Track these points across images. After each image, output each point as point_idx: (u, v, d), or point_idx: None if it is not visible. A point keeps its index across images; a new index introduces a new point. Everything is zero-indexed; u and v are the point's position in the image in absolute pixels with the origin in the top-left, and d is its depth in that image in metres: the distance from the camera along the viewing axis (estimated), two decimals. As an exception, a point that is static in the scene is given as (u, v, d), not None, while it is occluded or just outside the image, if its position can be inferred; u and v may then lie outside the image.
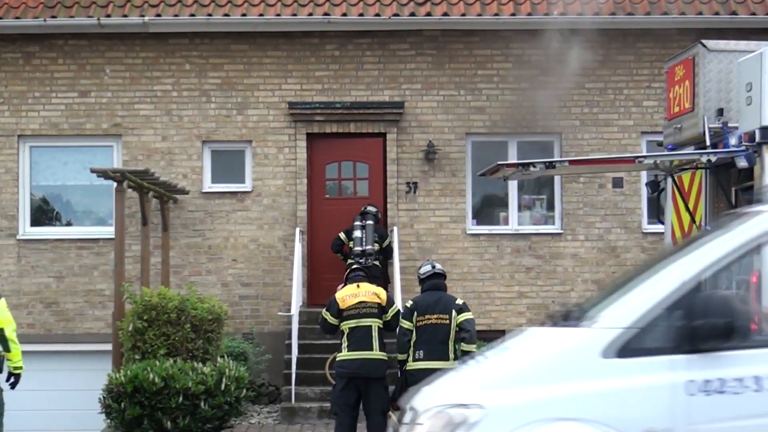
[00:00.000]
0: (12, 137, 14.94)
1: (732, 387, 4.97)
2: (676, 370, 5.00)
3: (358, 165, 15.25)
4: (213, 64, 14.96)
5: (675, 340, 5.05)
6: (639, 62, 15.05)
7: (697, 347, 4.99)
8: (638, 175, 14.74)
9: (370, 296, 10.07)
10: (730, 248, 5.21)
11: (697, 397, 4.96)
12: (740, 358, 5.01)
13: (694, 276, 5.14)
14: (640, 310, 5.12)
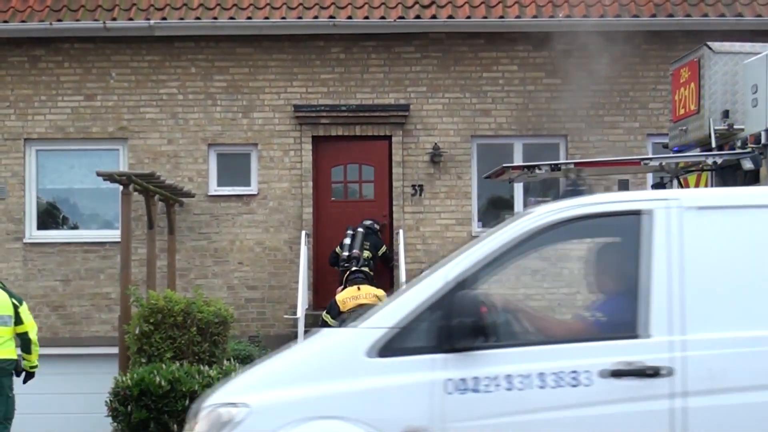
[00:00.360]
0: (18, 141, 14.97)
1: (485, 386, 5.04)
2: (435, 370, 5.08)
3: (363, 168, 15.26)
4: (218, 68, 14.98)
5: (435, 339, 5.12)
6: (644, 64, 15.04)
7: (453, 346, 5.06)
8: (644, 177, 14.70)
9: (370, 298, 10.09)
10: (490, 249, 5.30)
11: (454, 396, 5.03)
12: (493, 357, 5.09)
13: (455, 276, 5.22)
14: (404, 310, 5.22)
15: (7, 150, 14.95)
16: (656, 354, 5.08)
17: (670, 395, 5.04)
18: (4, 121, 14.96)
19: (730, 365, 5.08)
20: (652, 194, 5.63)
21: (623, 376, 5.04)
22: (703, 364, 5.07)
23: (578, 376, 5.05)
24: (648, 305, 5.16)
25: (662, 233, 5.26)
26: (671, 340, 5.10)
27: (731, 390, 5.06)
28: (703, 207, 5.35)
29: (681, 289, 5.19)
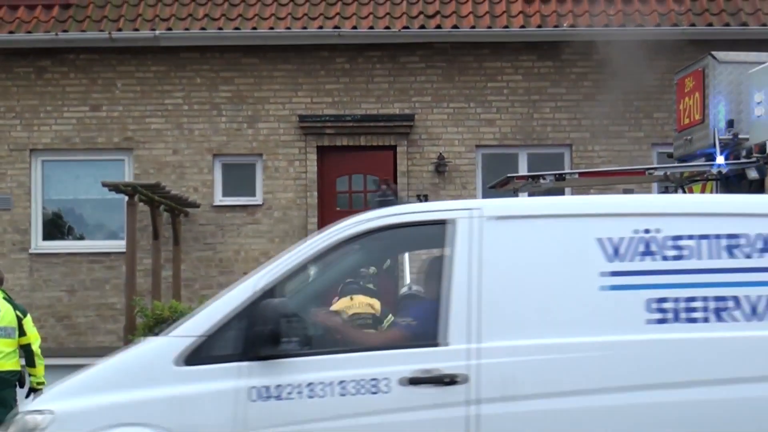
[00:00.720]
0: (24, 151, 15.00)
1: (288, 393, 5.18)
2: (240, 377, 5.20)
3: (368, 178, 15.27)
4: (224, 78, 15.01)
5: (240, 347, 5.25)
6: (649, 74, 15.02)
7: (257, 354, 5.18)
8: (649, 187, 14.67)
9: (364, 308, 10.09)
10: (297, 259, 5.44)
11: (257, 403, 5.17)
12: (297, 365, 5.22)
13: (263, 286, 5.34)
14: (213, 319, 5.33)
15: (13, 161, 14.98)
16: (453, 362, 5.20)
17: (466, 402, 5.16)
18: (10, 131, 15.00)
19: (521, 373, 5.20)
20: (457, 204, 5.71)
21: (421, 384, 5.16)
22: (496, 371, 5.20)
23: (378, 384, 5.17)
24: (447, 313, 5.29)
25: (463, 242, 5.40)
26: (468, 348, 5.23)
27: (522, 397, 5.18)
28: (503, 216, 5.49)
29: (478, 297, 5.31)
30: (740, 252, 5.49)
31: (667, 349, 5.33)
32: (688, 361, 5.32)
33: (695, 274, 5.46)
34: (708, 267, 5.47)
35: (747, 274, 5.48)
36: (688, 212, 5.63)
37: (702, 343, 5.36)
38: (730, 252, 5.49)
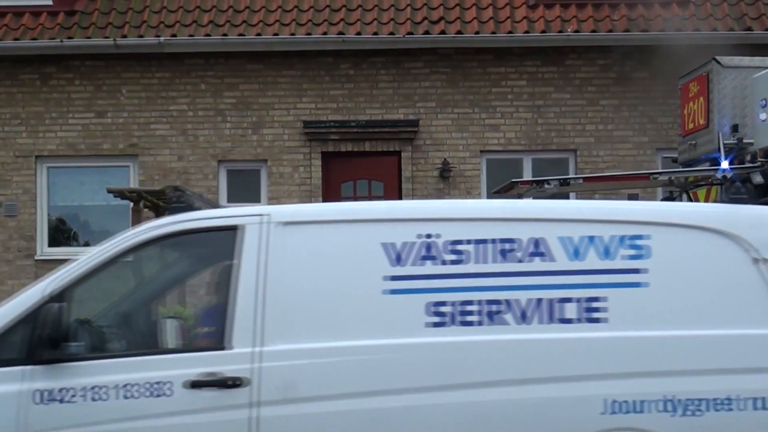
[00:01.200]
0: (29, 158, 15.04)
1: (72, 396, 5.27)
2: (24, 381, 5.30)
3: (373, 183, 15.28)
4: (228, 84, 15.04)
5: (26, 351, 5.35)
6: (653, 79, 15.04)
7: (41, 358, 5.28)
8: (654, 192, 14.71)
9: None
10: (87, 265, 5.54)
11: (40, 407, 5.26)
12: (83, 368, 5.32)
13: (51, 290, 5.43)
14: (1, 322, 5.44)
15: (19, 167, 15.02)
16: (237, 365, 5.33)
17: (249, 405, 5.29)
18: (16, 138, 15.03)
19: (301, 375, 5.33)
20: (247, 210, 5.85)
21: (205, 387, 5.28)
22: (277, 374, 5.33)
23: (162, 387, 5.29)
24: (233, 318, 5.42)
25: (251, 248, 5.55)
26: (252, 351, 5.35)
27: (302, 400, 5.30)
28: (290, 222, 5.64)
29: (263, 301, 5.45)
30: (513, 256, 5.64)
31: (443, 352, 5.48)
32: (463, 364, 5.46)
33: (471, 278, 5.61)
34: (482, 271, 5.61)
35: (518, 278, 5.62)
36: (467, 217, 5.79)
37: (476, 346, 5.51)
38: (503, 256, 5.64)
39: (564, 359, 5.56)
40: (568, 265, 5.69)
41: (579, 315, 5.63)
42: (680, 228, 5.82)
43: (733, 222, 5.83)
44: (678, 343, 5.64)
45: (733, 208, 6.01)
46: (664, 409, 5.54)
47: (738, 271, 5.75)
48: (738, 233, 5.78)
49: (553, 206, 6.14)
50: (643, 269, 5.72)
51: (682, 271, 5.74)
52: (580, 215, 5.87)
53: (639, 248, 5.73)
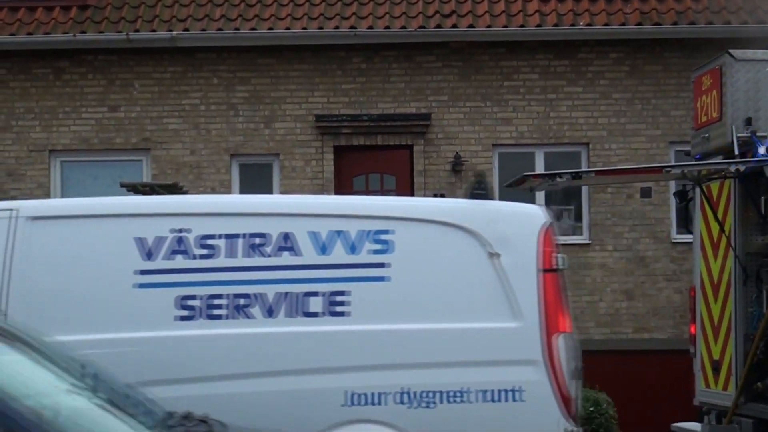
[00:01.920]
0: (43, 152, 15.09)
1: None
2: None
3: (385, 177, 15.29)
4: (240, 78, 15.06)
5: None
6: (666, 72, 15.00)
7: None
8: (667, 185, 14.68)
9: None
10: None
11: None
12: None
13: None
14: None
15: (32, 161, 15.08)
16: None
17: None
18: (29, 132, 15.09)
19: None
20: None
21: None
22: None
23: None
24: None
25: (2, 243, 5.62)
26: None
27: None
28: (39, 217, 5.69)
29: (7, 296, 5.50)
30: (262, 251, 5.74)
31: (190, 345, 5.56)
32: (209, 357, 5.55)
33: (220, 272, 5.69)
34: (232, 265, 5.70)
35: (266, 273, 5.72)
36: (219, 212, 5.87)
37: (221, 339, 5.61)
38: (253, 251, 5.73)
39: (308, 352, 5.68)
40: (316, 259, 5.81)
41: (324, 309, 5.74)
42: (422, 223, 5.98)
43: (472, 217, 6.00)
44: (415, 337, 5.79)
45: (472, 203, 6.15)
46: (400, 401, 5.70)
47: (475, 265, 5.91)
48: (475, 228, 5.94)
49: (304, 201, 6.29)
50: (387, 264, 5.86)
51: (422, 266, 5.90)
52: (330, 210, 6.02)
53: (383, 243, 5.87)
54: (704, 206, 9.32)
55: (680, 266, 14.80)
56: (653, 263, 14.90)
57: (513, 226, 6.25)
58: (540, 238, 6.30)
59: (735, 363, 8.41)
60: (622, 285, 14.89)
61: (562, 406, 5.94)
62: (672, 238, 14.91)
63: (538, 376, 5.92)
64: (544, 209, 6.81)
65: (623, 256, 14.93)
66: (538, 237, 6.30)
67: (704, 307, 9.07)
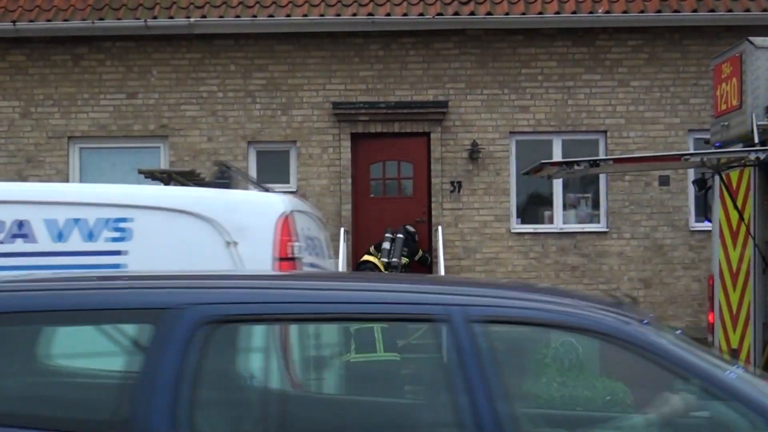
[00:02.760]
0: (62, 139, 15.15)
1: None
2: None
3: (402, 164, 15.28)
4: (258, 65, 15.07)
5: None
6: (685, 59, 14.94)
7: None
8: (685, 173, 14.63)
9: None
10: None
11: None
12: None
13: None
14: None
15: (51, 148, 15.14)
16: None
17: None
18: (48, 119, 15.15)
19: None
20: None
21: None
22: None
23: None
24: None
25: None
26: None
27: None
28: None
29: None
30: None
31: None
32: None
33: None
34: None
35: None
36: None
37: None
38: None
39: None
40: (52, 246, 5.87)
41: None
42: (162, 211, 6.08)
43: (210, 206, 6.09)
44: None
45: (211, 192, 6.21)
46: None
47: (213, 254, 5.97)
48: (214, 217, 6.02)
49: (40, 189, 6.29)
50: (124, 251, 5.95)
51: (160, 254, 5.94)
52: (67, 198, 6.10)
53: (122, 231, 5.98)
54: (723, 194, 9.28)
55: (698, 254, 14.76)
56: (671, 251, 14.86)
57: (251, 215, 6.32)
58: (277, 227, 6.31)
59: (753, 351, 8.39)
60: (639, 273, 14.86)
61: None
62: (690, 227, 14.87)
63: None
64: (286, 198, 6.85)
65: (641, 244, 14.89)
66: (275, 226, 6.30)
67: (723, 296, 9.04)
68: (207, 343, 3.90)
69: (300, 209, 6.92)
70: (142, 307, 4.06)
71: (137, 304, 4.09)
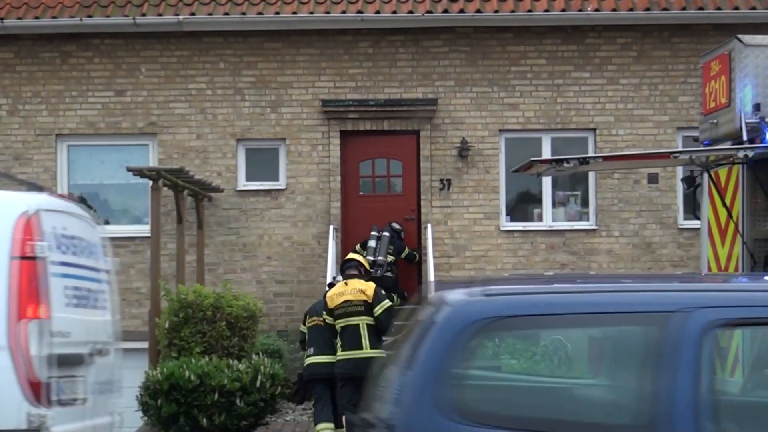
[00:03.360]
0: (50, 136, 15.09)
1: None
2: None
3: (391, 162, 15.26)
4: (247, 63, 15.03)
5: None
6: (674, 57, 14.95)
7: None
8: (674, 171, 14.65)
9: (355, 294, 10.12)
10: None
11: None
12: None
13: None
14: None
15: (39, 145, 15.08)
16: None
17: None
18: (36, 116, 15.09)
19: None
20: None
21: None
22: None
23: None
24: None
25: None
26: None
27: None
28: None
29: None
30: None
31: None
32: None
33: None
34: None
35: None
36: None
37: None
38: None
39: None
40: None
41: None
42: None
43: None
44: None
45: None
46: None
47: None
48: None
49: None
50: None
51: None
52: None
53: None
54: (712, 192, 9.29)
55: (687, 252, 14.78)
56: (660, 249, 14.88)
57: None
58: (17, 225, 6.41)
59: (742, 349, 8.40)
60: (628, 271, 14.86)
61: (28, 390, 6.24)
62: (679, 224, 14.89)
63: (3, 362, 6.18)
64: (34, 197, 6.93)
65: (630, 241, 14.91)
66: (14, 225, 6.40)
67: (711, 294, 9.05)
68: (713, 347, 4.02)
69: (55, 208, 6.94)
70: (650, 310, 4.14)
71: (645, 306, 4.17)
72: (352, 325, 10.04)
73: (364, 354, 9.90)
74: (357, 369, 9.79)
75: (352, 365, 9.88)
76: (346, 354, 10.01)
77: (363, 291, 10.15)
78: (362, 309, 10.06)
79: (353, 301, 10.08)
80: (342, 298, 10.13)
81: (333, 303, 10.15)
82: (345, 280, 10.37)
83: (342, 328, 10.08)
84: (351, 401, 9.81)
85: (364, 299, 10.10)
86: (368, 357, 9.85)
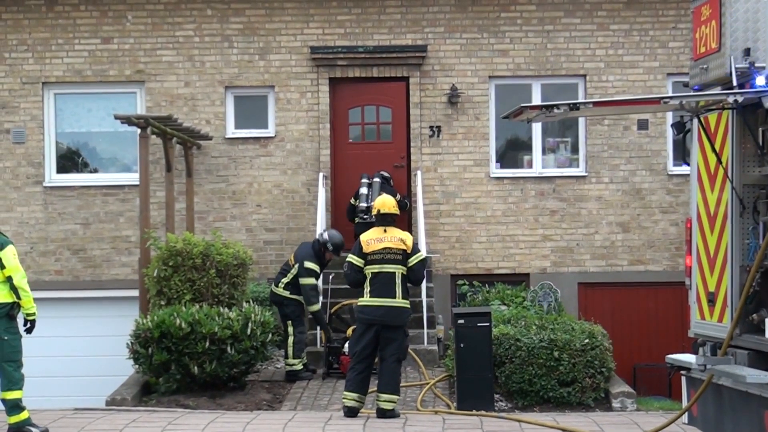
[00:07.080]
0: (36, 84, 14.97)
1: None
2: None
3: (381, 109, 15.20)
4: (235, 9, 14.89)
5: None
6: (665, 3, 14.86)
7: None
8: (663, 117, 14.64)
9: (396, 242, 9.96)
10: None
11: None
12: None
13: None
14: None
15: (26, 94, 14.97)
16: None
17: None
18: (22, 64, 14.96)
19: None
20: None
21: None
22: None
23: None
24: None
25: None
26: None
27: None
28: None
29: None
30: None
31: None
32: None
33: None
34: None
35: None
36: None
37: None
38: None
39: None
40: None
41: None
42: None
43: None
44: None
45: None
46: None
47: None
48: None
49: None
50: None
51: None
52: None
53: None
54: (702, 138, 9.26)
55: (676, 198, 14.82)
56: (649, 195, 14.91)
57: None
58: None
59: (731, 295, 8.44)
60: (618, 217, 14.91)
61: None
62: (668, 170, 14.91)
63: None
64: None
65: (619, 188, 14.93)
66: None
67: (700, 239, 9.07)
68: None
69: None
70: None
71: None
72: (387, 272, 9.90)
73: (395, 303, 9.83)
74: (386, 317, 9.77)
75: (382, 313, 9.79)
76: (375, 301, 9.89)
77: (403, 240, 10.00)
78: (400, 258, 9.92)
79: (393, 249, 9.90)
80: (382, 244, 9.92)
81: (369, 248, 9.92)
82: (384, 227, 10.12)
83: (374, 274, 9.92)
84: (367, 349, 9.83)
85: (404, 248, 9.96)
86: (398, 306, 9.82)
